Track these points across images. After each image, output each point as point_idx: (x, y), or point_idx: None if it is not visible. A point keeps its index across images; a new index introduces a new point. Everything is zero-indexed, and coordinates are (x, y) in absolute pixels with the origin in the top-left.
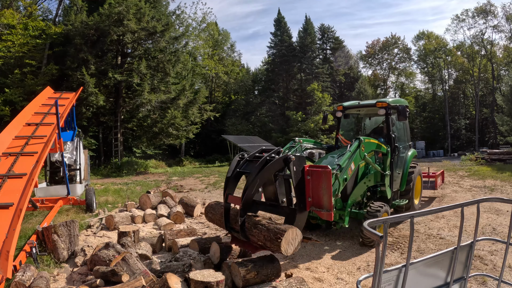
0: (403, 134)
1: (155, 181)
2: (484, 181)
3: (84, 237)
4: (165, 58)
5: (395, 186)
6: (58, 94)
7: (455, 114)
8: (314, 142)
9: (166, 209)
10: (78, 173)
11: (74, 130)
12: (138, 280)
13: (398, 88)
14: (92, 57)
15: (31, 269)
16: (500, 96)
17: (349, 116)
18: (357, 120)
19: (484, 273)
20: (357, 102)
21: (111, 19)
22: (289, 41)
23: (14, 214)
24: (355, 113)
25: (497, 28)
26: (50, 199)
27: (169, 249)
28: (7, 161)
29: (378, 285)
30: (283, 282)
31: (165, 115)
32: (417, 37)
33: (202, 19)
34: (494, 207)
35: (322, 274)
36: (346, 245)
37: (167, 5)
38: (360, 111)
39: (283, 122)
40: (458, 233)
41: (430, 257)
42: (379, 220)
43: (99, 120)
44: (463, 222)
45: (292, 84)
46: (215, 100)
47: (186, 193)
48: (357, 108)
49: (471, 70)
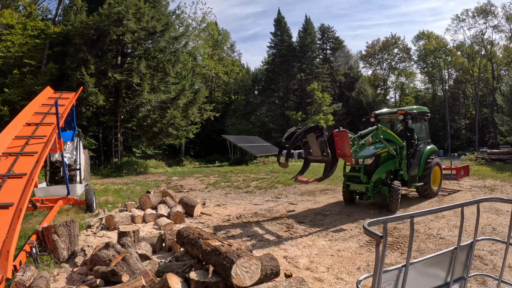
0: (424, 134)
1: (155, 181)
2: (484, 181)
3: (84, 237)
4: (165, 58)
5: (413, 172)
6: (58, 94)
7: (455, 114)
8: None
9: (166, 209)
10: (78, 173)
11: (74, 130)
12: (138, 280)
13: (398, 88)
14: (91, 57)
15: (31, 269)
16: (500, 96)
17: (380, 121)
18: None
19: (484, 273)
20: (385, 110)
21: (111, 19)
22: (289, 41)
23: (14, 214)
24: (386, 119)
25: (497, 28)
26: (50, 199)
27: (169, 249)
28: (7, 161)
29: (378, 285)
30: (283, 282)
31: (165, 115)
32: (417, 37)
33: (202, 19)
34: (494, 207)
35: (322, 274)
36: (346, 245)
37: (167, 5)
38: (388, 117)
39: (283, 122)
40: (458, 233)
41: (430, 257)
42: (379, 220)
43: (99, 120)
44: (463, 222)
45: (292, 84)
46: (215, 100)
47: (186, 193)
48: (385, 115)
49: (471, 70)
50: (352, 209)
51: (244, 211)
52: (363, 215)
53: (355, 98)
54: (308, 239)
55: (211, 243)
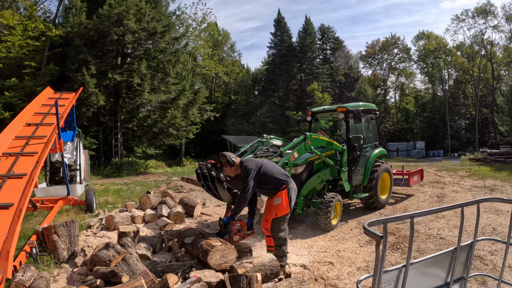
0: (370, 135)
1: (155, 181)
2: (484, 181)
3: (84, 237)
4: (165, 59)
5: (356, 181)
6: (58, 94)
7: (455, 114)
8: (283, 140)
9: (166, 209)
10: (78, 173)
11: (74, 130)
12: (138, 281)
13: (398, 88)
14: (92, 58)
15: (31, 269)
16: (500, 96)
17: (318, 119)
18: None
19: (484, 273)
20: (322, 107)
21: (111, 19)
22: (289, 41)
23: (14, 214)
24: (326, 117)
25: (497, 28)
26: (50, 199)
27: (169, 249)
28: (7, 161)
29: (378, 285)
30: (283, 282)
31: (165, 115)
32: (417, 37)
33: (202, 19)
34: (494, 207)
35: (322, 274)
36: (346, 245)
37: (167, 6)
38: (328, 115)
39: (283, 122)
40: (458, 233)
41: (430, 257)
42: (379, 220)
43: (99, 120)
44: (463, 222)
45: (292, 84)
46: (215, 100)
47: (186, 193)
48: (324, 113)
49: (471, 70)
50: (352, 209)
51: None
52: (362, 214)
53: (355, 98)
54: (308, 239)
55: (212, 243)
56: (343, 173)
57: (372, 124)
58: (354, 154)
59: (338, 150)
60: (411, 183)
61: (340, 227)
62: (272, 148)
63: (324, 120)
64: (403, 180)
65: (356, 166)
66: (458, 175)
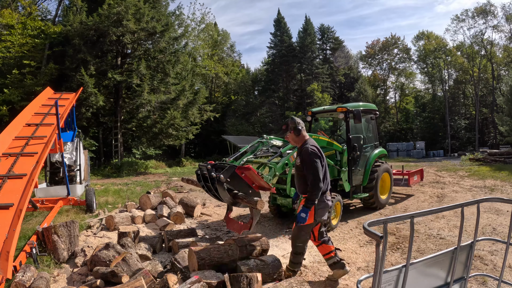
0: (370, 135)
1: (155, 181)
2: (484, 181)
3: (84, 238)
4: (165, 59)
5: (356, 181)
6: (58, 94)
7: (455, 114)
8: (283, 140)
9: (166, 210)
10: (78, 173)
11: (74, 131)
12: (138, 281)
13: (398, 88)
14: (91, 57)
15: (31, 269)
16: (500, 96)
17: (318, 119)
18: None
19: (484, 273)
20: (322, 108)
21: (110, 19)
22: (289, 42)
23: (14, 215)
24: (326, 117)
25: (497, 28)
26: (50, 200)
27: (169, 250)
28: (7, 161)
29: (378, 285)
30: (283, 282)
31: (165, 115)
32: (417, 37)
33: (201, 19)
34: (494, 207)
35: (322, 274)
36: (346, 245)
37: (166, 6)
38: (328, 115)
39: (283, 123)
40: (458, 233)
41: (430, 257)
42: (379, 220)
43: (99, 120)
44: (463, 222)
45: (292, 84)
46: (215, 100)
47: (186, 193)
48: (324, 113)
49: (471, 70)
50: (352, 209)
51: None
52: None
53: (355, 99)
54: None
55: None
56: (343, 173)
57: (372, 124)
58: (354, 154)
59: (338, 150)
60: (411, 183)
61: (340, 227)
62: (272, 148)
63: (324, 120)
64: (403, 180)
65: (356, 166)
66: (458, 175)
